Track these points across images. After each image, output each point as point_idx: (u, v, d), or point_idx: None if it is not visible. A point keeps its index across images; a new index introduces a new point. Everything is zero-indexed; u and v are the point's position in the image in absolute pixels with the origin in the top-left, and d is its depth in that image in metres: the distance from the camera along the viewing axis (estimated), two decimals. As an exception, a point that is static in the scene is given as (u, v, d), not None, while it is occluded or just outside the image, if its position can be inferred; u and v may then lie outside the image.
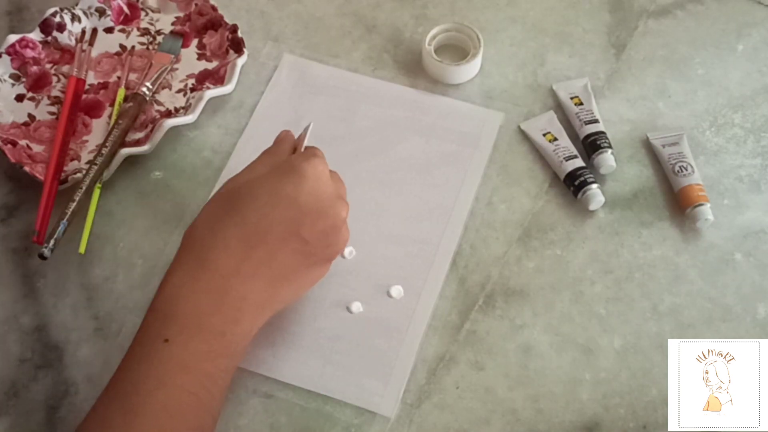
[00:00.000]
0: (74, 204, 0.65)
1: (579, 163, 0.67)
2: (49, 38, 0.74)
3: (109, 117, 0.72)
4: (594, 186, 0.66)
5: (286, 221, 0.54)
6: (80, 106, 0.72)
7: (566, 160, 0.68)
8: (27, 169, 0.67)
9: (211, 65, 0.74)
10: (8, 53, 0.72)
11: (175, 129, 0.70)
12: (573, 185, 0.67)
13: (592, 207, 0.67)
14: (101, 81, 0.74)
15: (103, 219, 0.67)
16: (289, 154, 0.59)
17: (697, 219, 0.65)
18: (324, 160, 0.57)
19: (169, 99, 0.73)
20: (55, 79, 0.74)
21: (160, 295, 0.54)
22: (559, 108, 0.72)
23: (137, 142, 0.70)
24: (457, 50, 0.75)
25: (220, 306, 0.53)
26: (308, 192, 0.55)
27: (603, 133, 0.69)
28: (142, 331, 0.53)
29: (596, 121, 0.70)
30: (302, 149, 0.59)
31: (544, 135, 0.69)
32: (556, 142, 0.69)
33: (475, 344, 0.62)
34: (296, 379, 0.60)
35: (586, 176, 0.67)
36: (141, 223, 0.67)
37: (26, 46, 0.73)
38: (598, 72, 0.74)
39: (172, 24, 0.77)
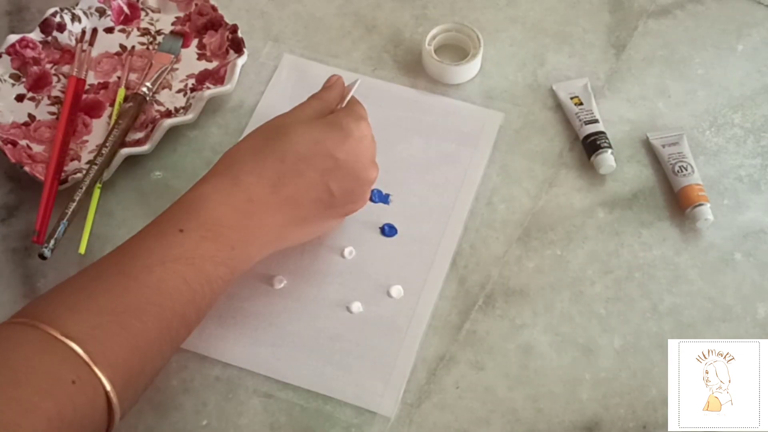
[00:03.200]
0: (74, 204, 0.65)
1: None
2: (49, 38, 0.74)
3: (109, 117, 0.72)
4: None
5: (321, 171, 0.57)
6: (80, 106, 0.72)
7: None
8: (27, 169, 0.67)
9: (211, 65, 0.74)
10: (8, 53, 0.72)
11: (175, 129, 0.70)
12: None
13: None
14: (101, 81, 0.74)
15: (103, 219, 0.67)
16: (335, 103, 0.62)
17: (697, 219, 0.66)
18: (369, 124, 0.60)
19: (169, 99, 0.73)
20: (55, 79, 0.74)
21: (189, 193, 0.56)
22: (559, 108, 0.72)
23: (137, 142, 0.70)
24: (457, 50, 0.75)
25: (239, 224, 0.55)
26: (348, 150, 0.58)
27: (603, 133, 0.69)
28: (161, 217, 0.55)
29: (596, 121, 0.70)
30: (344, 103, 0.62)
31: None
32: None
33: (475, 344, 0.62)
34: (296, 379, 0.60)
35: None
36: (141, 223, 0.67)
37: (26, 46, 0.73)
38: (598, 72, 0.74)
39: (172, 24, 0.77)
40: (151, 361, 0.52)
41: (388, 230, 0.66)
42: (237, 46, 0.73)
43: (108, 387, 0.48)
